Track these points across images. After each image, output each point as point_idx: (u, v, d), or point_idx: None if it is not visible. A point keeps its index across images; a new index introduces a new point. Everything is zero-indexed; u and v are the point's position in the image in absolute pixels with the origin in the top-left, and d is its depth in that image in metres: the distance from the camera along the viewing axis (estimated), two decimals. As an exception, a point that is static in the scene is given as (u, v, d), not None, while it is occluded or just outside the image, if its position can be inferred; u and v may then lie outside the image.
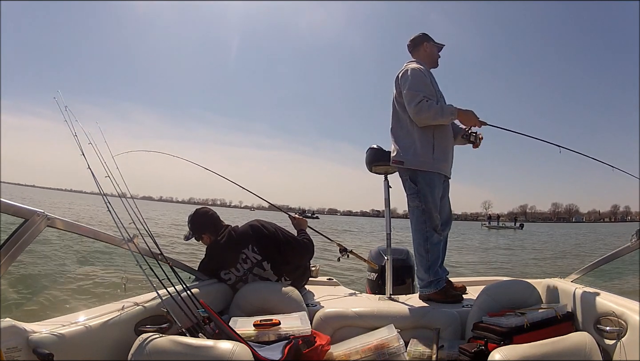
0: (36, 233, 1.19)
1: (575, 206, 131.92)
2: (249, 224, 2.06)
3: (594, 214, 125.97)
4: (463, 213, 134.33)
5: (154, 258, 1.54)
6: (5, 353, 0.97)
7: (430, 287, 1.98)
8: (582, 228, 44.72)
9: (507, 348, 1.19)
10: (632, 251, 1.50)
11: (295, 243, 2.06)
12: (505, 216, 78.26)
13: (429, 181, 2.02)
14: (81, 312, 1.29)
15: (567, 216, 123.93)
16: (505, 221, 53.48)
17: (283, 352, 1.31)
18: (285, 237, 2.04)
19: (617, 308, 1.30)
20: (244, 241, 1.98)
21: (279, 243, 2.00)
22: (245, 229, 2.03)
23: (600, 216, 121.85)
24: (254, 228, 2.03)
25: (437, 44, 2.25)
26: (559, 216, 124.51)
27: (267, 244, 1.98)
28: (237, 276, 1.96)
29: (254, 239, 1.99)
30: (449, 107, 2.00)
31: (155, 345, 1.12)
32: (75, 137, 1.53)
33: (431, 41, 2.23)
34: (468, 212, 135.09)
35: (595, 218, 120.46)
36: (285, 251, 2.00)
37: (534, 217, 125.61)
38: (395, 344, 1.48)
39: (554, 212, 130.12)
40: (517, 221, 51.29)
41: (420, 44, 2.24)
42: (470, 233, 23.09)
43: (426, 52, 2.22)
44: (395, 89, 2.14)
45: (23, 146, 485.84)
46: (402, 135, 2.09)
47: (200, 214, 2.07)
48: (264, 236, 2.00)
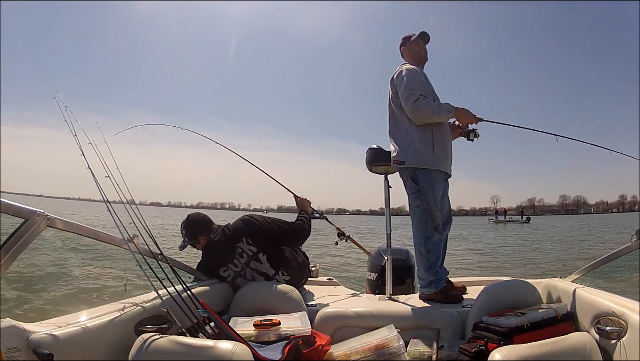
0: (36, 233, 1.19)
1: (583, 198, 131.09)
2: (240, 219, 2.11)
3: (601, 205, 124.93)
4: (472, 208, 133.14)
5: (154, 258, 1.53)
6: (5, 353, 0.97)
7: (431, 287, 1.98)
8: (589, 219, 44.56)
9: (507, 348, 1.19)
10: (632, 251, 1.50)
11: (287, 226, 2.12)
12: (513, 210, 77.78)
13: (430, 180, 2.02)
14: (81, 312, 1.29)
15: (575, 207, 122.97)
16: (513, 215, 53.32)
17: (283, 352, 1.31)
18: (276, 224, 2.09)
19: (617, 308, 1.29)
20: (237, 235, 2.02)
21: (271, 231, 2.05)
22: (237, 224, 2.07)
23: (608, 207, 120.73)
24: (245, 221, 2.08)
25: (416, 39, 2.21)
26: (567, 208, 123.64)
27: (260, 235, 2.02)
28: (236, 272, 1.98)
29: (246, 231, 2.02)
30: (446, 105, 2.02)
31: (155, 345, 1.12)
32: (75, 137, 1.54)
33: (407, 43, 2.23)
34: (477, 207, 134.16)
35: (603, 208, 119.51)
36: (279, 236, 2.06)
37: (542, 210, 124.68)
38: (395, 344, 1.48)
39: (562, 204, 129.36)
40: (524, 214, 51.21)
41: (401, 50, 2.26)
42: (469, 229, 23.07)
43: (408, 54, 2.23)
44: (390, 90, 2.14)
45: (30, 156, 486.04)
46: (401, 135, 2.10)
47: (193, 220, 2.09)
48: (256, 227, 2.04)
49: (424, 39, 2.22)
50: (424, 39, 2.22)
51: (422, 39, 2.21)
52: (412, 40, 2.21)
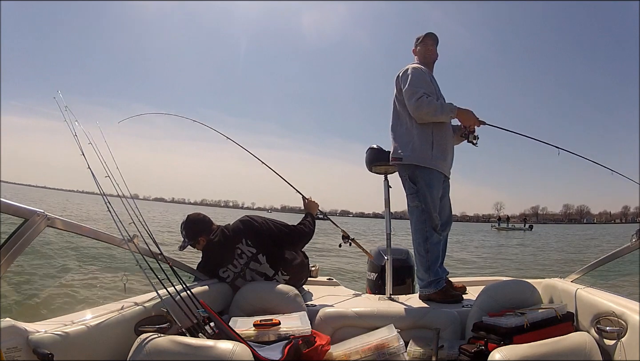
0: (36, 233, 1.19)
1: (586, 208, 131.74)
2: (239, 220, 2.10)
3: (605, 215, 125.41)
4: (475, 215, 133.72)
5: (154, 258, 1.53)
6: (5, 353, 0.97)
7: (430, 287, 1.98)
8: (592, 229, 44.62)
9: (507, 348, 1.19)
10: (632, 251, 1.50)
11: (287, 229, 2.11)
12: (516, 218, 77.89)
13: (428, 180, 2.02)
14: (81, 312, 1.29)
15: (579, 217, 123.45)
16: (516, 223, 53.48)
17: (283, 352, 1.31)
18: (275, 226, 2.09)
19: (617, 308, 1.29)
20: (237, 236, 2.02)
21: (270, 232, 2.05)
22: (237, 225, 2.07)
23: (611, 217, 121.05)
24: (244, 222, 2.07)
25: (426, 41, 2.23)
26: (570, 218, 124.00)
27: (259, 236, 2.02)
28: (235, 273, 1.98)
29: (246, 233, 2.02)
30: (449, 105, 2.02)
31: (155, 345, 1.11)
32: (76, 137, 1.53)
33: (419, 43, 2.24)
34: (480, 213, 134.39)
35: (606, 219, 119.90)
36: (278, 238, 2.05)
37: (545, 218, 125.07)
38: (395, 344, 1.48)
39: (565, 213, 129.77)
40: (526, 222, 51.38)
41: (414, 50, 2.27)
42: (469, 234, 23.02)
43: (419, 56, 2.24)
44: (395, 88, 2.16)
45: (35, 147, 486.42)
46: (401, 132, 2.11)
47: (193, 220, 2.08)
48: (256, 229, 2.04)
49: (431, 39, 2.23)
50: (431, 39, 2.23)
51: (429, 39, 2.23)
52: (420, 42, 2.24)
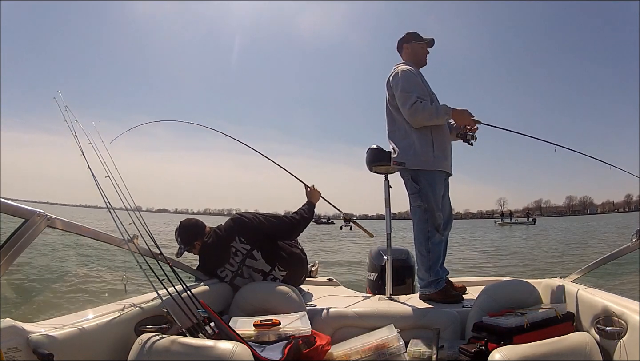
0: (36, 233, 1.19)
1: (589, 198, 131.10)
2: (230, 218, 2.12)
3: (608, 205, 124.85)
4: (479, 211, 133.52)
5: (154, 258, 1.54)
6: (5, 353, 0.97)
7: (431, 287, 1.98)
8: (595, 219, 44.48)
9: (507, 348, 1.19)
10: (632, 251, 1.50)
11: (276, 220, 2.12)
12: (520, 212, 77.52)
13: (431, 180, 2.02)
14: (81, 312, 1.29)
15: (582, 208, 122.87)
16: (519, 217, 53.15)
17: (283, 352, 1.31)
18: (265, 218, 2.09)
19: (617, 308, 1.29)
20: (230, 234, 2.02)
21: (261, 226, 2.05)
22: (228, 223, 2.08)
23: (614, 207, 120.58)
24: (235, 220, 2.08)
25: (421, 42, 2.21)
26: (573, 209, 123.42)
27: (251, 231, 2.03)
28: (233, 272, 1.98)
29: (238, 230, 2.03)
30: (444, 107, 2.01)
31: (155, 345, 1.12)
32: (75, 137, 1.53)
33: (413, 41, 2.21)
34: (483, 210, 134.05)
35: (609, 208, 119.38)
36: (270, 230, 2.06)
37: (548, 211, 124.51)
38: (395, 344, 1.48)
39: (568, 205, 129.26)
40: (529, 216, 50.97)
41: (401, 47, 2.25)
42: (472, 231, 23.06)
43: (408, 53, 2.22)
44: (387, 93, 2.14)
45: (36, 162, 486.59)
46: (400, 137, 2.09)
47: (185, 226, 2.09)
48: (247, 224, 2.05)
49: (430, 45, 2.22)
50: (430, 45, 2.22)
51: (430, 45, 2.22)
52: (420, 42, 2.21)
